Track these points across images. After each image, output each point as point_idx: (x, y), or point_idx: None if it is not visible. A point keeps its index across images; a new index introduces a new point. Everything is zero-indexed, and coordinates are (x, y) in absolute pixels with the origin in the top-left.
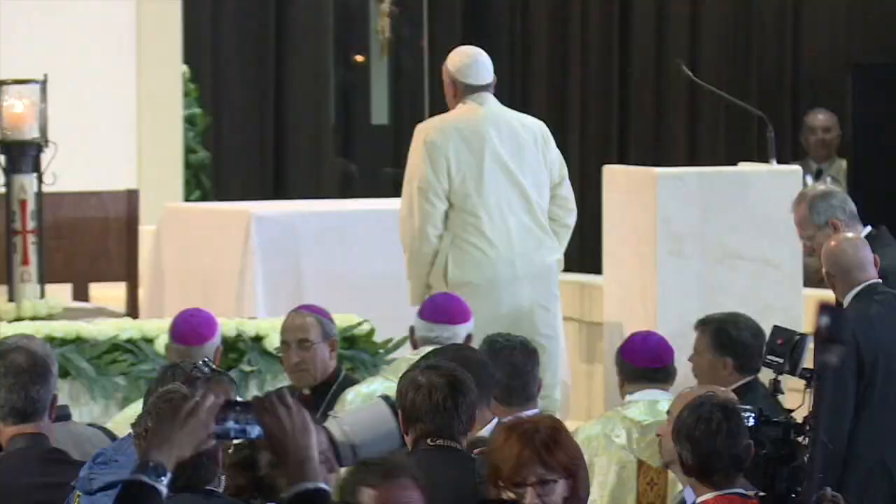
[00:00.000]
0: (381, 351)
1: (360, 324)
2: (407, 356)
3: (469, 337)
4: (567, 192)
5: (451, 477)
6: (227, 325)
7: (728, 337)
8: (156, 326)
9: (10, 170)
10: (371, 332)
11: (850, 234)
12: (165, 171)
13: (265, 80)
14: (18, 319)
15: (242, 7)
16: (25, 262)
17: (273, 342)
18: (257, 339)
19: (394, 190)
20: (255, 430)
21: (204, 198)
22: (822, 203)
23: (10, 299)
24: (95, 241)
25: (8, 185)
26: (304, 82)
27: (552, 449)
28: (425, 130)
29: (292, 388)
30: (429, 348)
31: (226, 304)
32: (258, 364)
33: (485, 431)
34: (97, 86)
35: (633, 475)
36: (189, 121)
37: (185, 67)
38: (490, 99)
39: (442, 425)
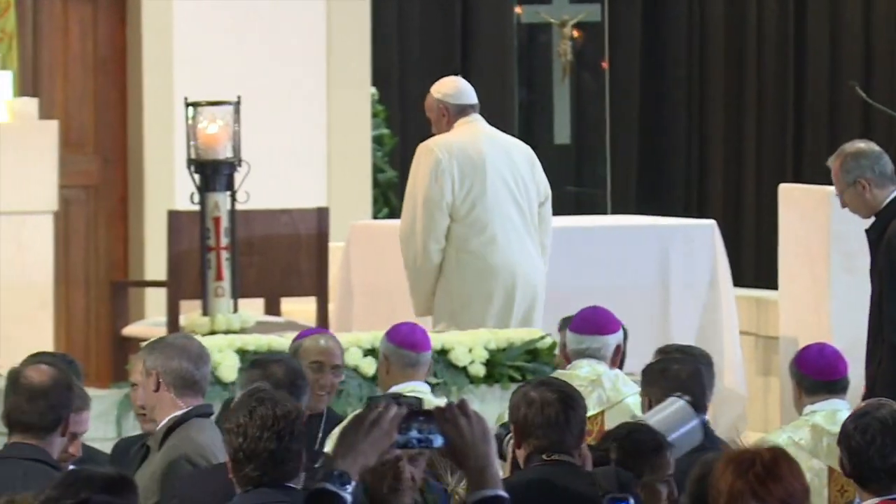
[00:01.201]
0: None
1: (542, 337)
2: (566, 372)
3: (618, 347)
4: (548, 212)
5: (571, 491)
6: None
7: None
8: (345, 340)
9: (205, 188)
10: (553, 345)
11: None
12: (354, 190)
13: None
14: (212, 333)
15: (428, 30)
16: (219, 277)
17: (458, 356)
18: (443, 353)
19: (576, 208)
20: (437, 440)
21: (391, 215)
22: (852, 161)
23: (205, 313)
24: (286, 257)
25: (202, 202)
26: (488, 103)
27: (768, 482)
28: (429, 149)
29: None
30: (583, 361)
31: (411, 319)
32: (443, 376)
33: None
34: (289, 108)
35: (824, 482)
36: (377, 141)
37: (373, 89)
38: (481, 119)
39: (556, 440)
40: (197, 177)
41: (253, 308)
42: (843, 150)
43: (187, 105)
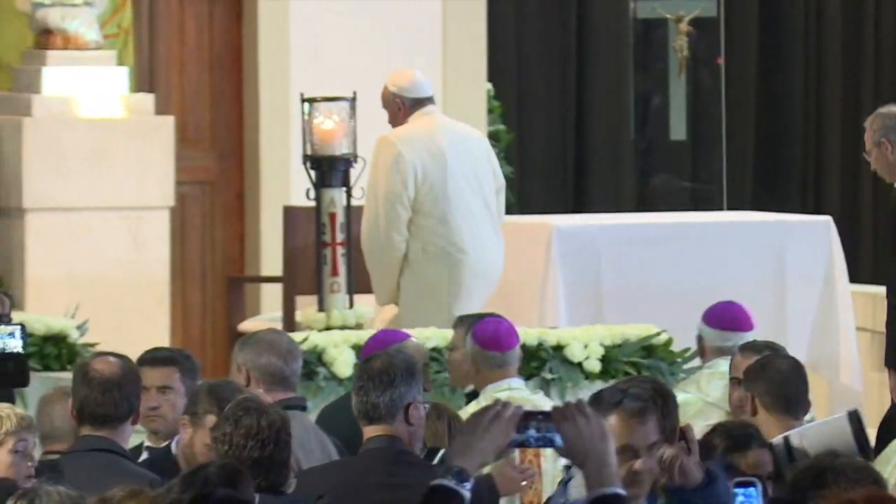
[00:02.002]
0: (678, 360)
1: (657, 334)
2: (705, 371)
3: None
4: (503, 200)
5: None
6: (529, 335)
7: None
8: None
9: (321, 184)
10: (668, 341)
11: None
12: None
13: (566, 96)
14: (328, 329)
15: (544, 26)
16: (334, 272)
17: (573, 351)
18: (558, 349)
19: (692, 204)
20: (555, 439)
21: (507, 211)
22: (881, 122)
23: (320, 309)
24: None
25: (318, 198)
26: (604, 99)
27: None
28: (389, 142)
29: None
30: (721, 360)
31: (528, 314)
32: (559, 372)
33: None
34: None
35: None
36: (493, 137)
37: (489, 86)
38: (437, 110)
39: None
40: (313, 173)
41: (368, 304)
42: (877, 111)
43: (303, 101)
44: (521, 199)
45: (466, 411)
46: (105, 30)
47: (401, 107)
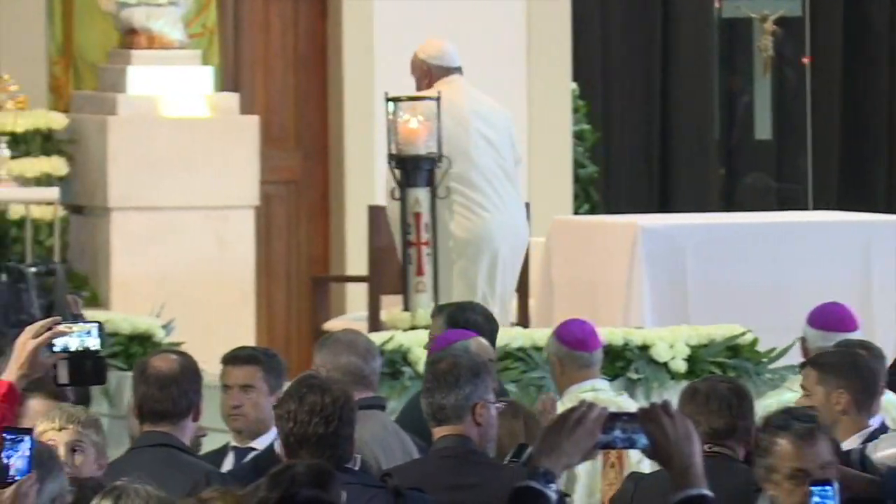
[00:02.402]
0: (763, 360)
1: (743, 334)
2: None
3: None
4: (518, 171)
5: (724, 484)
6: (614, 335)
7: None
8: (546, 335)
9: (405, 183)
10: (754, 341)
11: None
12: (555, 185)
13: (651, 96)
14: (413, 328)
15: (629, 25)
16: (419, 272)
17: (659, 351)
18: (644, 349)
19: (777, 204)
20: (640, 440)
21: (592, 211)
22: None
23: (405, 309)
24: None
25: (403, 198)
26: (689, 98)
27: None
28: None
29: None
30: None
31: (613, 314)
32: (644, 372)
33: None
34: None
35: None
36: (578, 136)
37: (574, 85)
38: (463, 79)
39: (715, 432)
40: (398, 172)
41: None
42: None
43: (388, 100)
44: (607, 198)
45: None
46: (190, 29)
47: (427, 74)
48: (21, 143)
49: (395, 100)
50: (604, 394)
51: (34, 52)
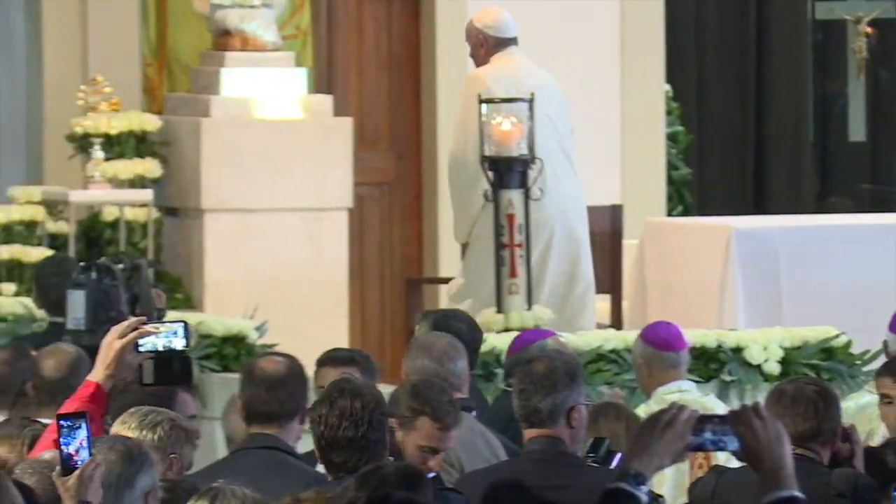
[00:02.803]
0: (857, 363)
1: (836, 336)
2: None
3: None
4: (573, 141)
5: (808, 489)
6: (707, 337)
7: None
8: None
9: (498, 185)
10: (848, 344)
11: None
12: (648, 187)
13: (745, 98)
14: (506, 330)
15: (723, 28)
16: (513, 274)
17: (752, 354)
18: (737, 351)
19: (871, 205)
20: (731, 443)
21: (685, 213)
22: None
23: (499, 310)
24: None
25: (496, 199)
26: (783, 100)
27: None
28: (480, 79)
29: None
30: None
31: (706, 316)
32: (737, 374)
33: None
34: (582, 105)
35: None
36: (671, 138)
37: (667, 87)
38: (519, 51)
39: (800, 435)
40: (491, 174)
41: (547, 305)
42: None
43: (481, 102)
44: (700, 200)
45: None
46: (283, 31)
47: (483, 43)
48: (115, 146)
49: (488, 101)
50: (690, 395)
51: (128, 54)
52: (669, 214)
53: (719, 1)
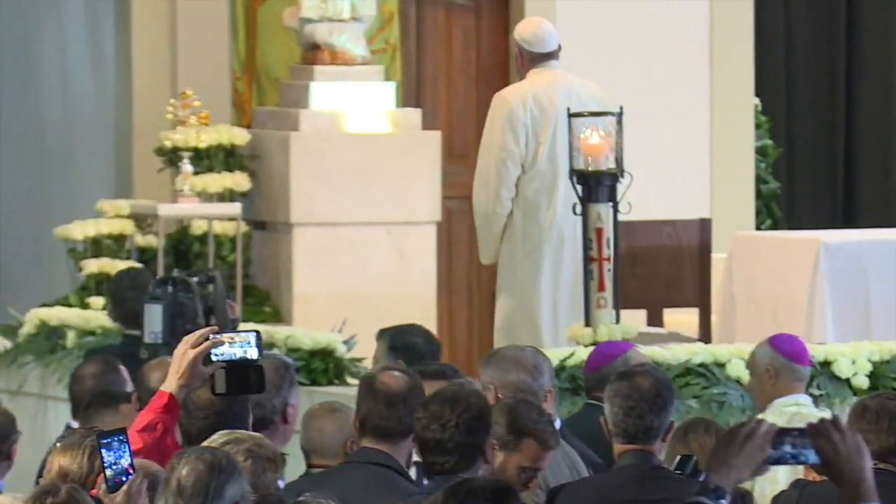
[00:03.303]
0: None
1: None
2: None
3: None
4: None
5: (887, 501)
6: None
7: None
8: (727, 351)
9: (587, 199)
10: None
11: None
12: (737, 201)
13: (834, 111)
14: (594, 344)
15: (812, 40)
16: (601, 288)
17: (841, 367)
18: (826, 364)
19: None
20: (810, 455)
21: (774, 227)
22: None
23: (587, 324)
24: (669, 268)
25: (584, 213)
26: (872, 113)
27: None
28: (504, 99)
29: None
30: None
31: (795, 330)
32: (826, 388)
33: None
34: (671, 118)
35: None
36: (760, 152)
37: (756, 100)
38: (557, 66)
39: (881, 450)
40: (579, 188)
41: (635, 319)
42: None
43: (570, 115)
44: (789, 214)
45: None
46: (372, 45)
47: (519, 57)
48: (204, 159)
49: (577, 115)
50: (806, 409)
51: (217, 67)
52: (758, 228)
53: (809, 13)
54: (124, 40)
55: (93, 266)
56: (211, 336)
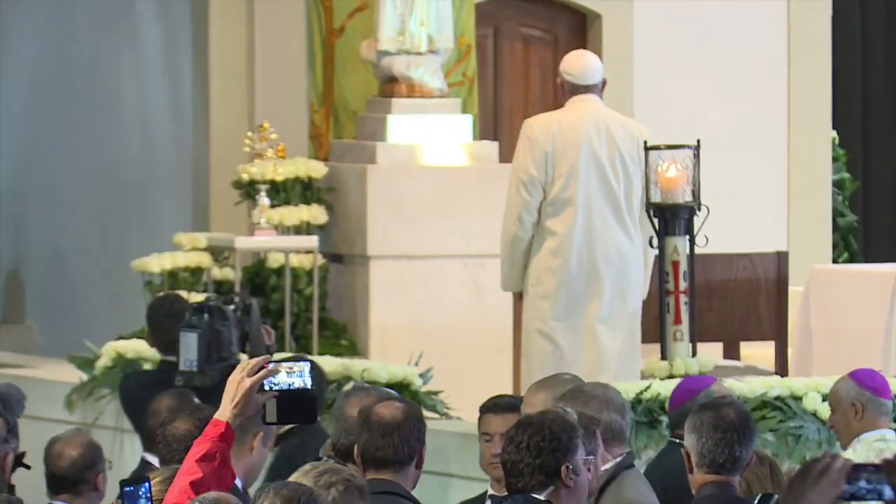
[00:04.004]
0: None
1: None
2: None
3: None
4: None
5: None
6: None
7: None
8: (804, 384)
9: (664, 232)
10: None
11: None
12: (814, 234)
13: None
14: (670, 377)
15: (890, 74)
16: (677, 321)
17: None
18: None
19: None
20: (886, 491)
21: (852, 260)
22: None
23: (663, 357)
24: (745, 301)
25: (661, 246)
26: None
27: None
28: (529, 126)
29: None
30: None
31: (872, 364)
32: None
33: None
34: (748, 151)
35: None
36: (837, 185)
37: (833, 133)
38: (594, 99)
39: None
40: (656, 220)
41: (712, 352)
42: None
43: (647, 149)
44: (866, 247)
45: None
46: (450, 78)
47: (561, 87)
48: (281, 192)
49: (654, 148)
50: (894, 444)
51: (295, 100)
52: (835, 262)
53: (887, 47)
54: (202, 73)
55: None
56: (266, 365)
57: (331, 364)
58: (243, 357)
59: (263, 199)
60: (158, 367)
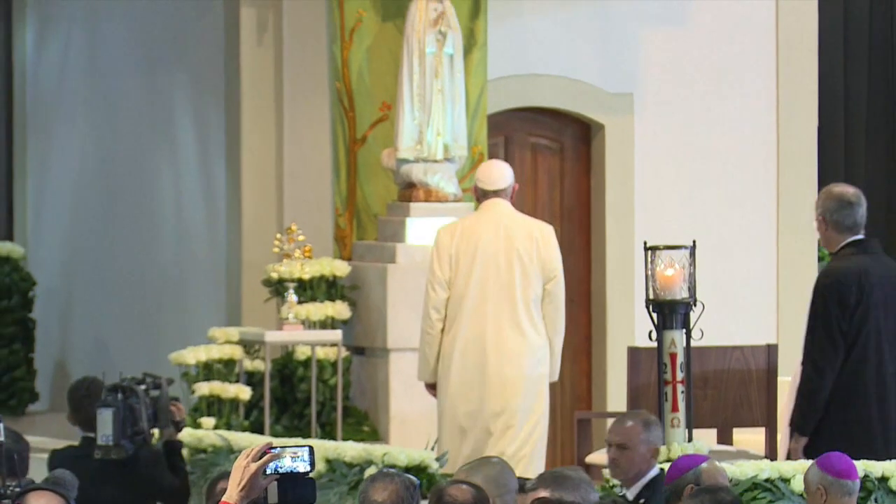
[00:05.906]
0: None
1: None
2: None
3: None
4: (556, 289)
5: None
6: (871, 467)
7: None
8: (792, 468)
9: (662, 326)
10: None
11: None
12: (801, 328)
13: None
14: (667, 461)
15: (874, 179)
16: (674, 408)
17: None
18: (882, 480)
19: None
20: None
21: None
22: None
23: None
24: (738, 390)
25: (660, 340)
26: None
27: None
28: (438, 233)
29: None
30: None
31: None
32: (884, 502)
33: None
34: (740, 250)
35: None
36: None
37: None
38: (501, 203)
39: None
40: (655, 316)
41: (707, 437)
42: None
43: (646, 249)
44: None
45: None
46: (464, 184)
47: (474, 194)
48: (307, 289)
49: (653, 249)
50: None
51: (321, 204)
52: None
53: (868, 154)
54: (235, 179)
55: (204, 389)
56: (268, 450)
57: (354, 449)
58: (155, 431)
59: (291, 296)
60: (80, 442)
